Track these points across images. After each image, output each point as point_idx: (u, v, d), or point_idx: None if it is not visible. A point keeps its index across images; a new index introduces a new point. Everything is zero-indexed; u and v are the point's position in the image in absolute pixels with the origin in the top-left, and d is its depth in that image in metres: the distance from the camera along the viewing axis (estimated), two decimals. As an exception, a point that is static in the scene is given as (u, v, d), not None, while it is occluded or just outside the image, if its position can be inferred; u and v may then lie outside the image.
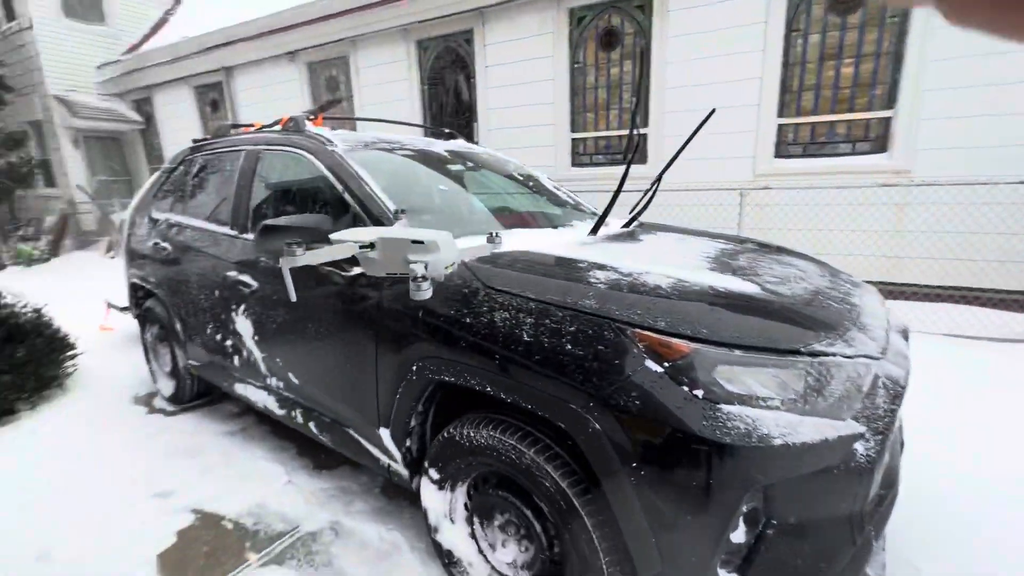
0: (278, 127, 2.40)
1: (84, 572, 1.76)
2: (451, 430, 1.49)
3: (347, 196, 1.84)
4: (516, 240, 1.77)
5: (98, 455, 2.49)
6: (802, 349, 1.16)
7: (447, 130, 3.12)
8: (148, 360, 3.21)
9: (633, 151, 1.94)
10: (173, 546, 1.89)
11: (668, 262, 1.55)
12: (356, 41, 6.89)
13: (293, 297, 1.44)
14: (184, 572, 1.76)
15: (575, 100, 5.74)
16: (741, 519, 1.09)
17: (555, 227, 2.20)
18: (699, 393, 1.08)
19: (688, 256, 1.71)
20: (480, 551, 1.55)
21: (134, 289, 3.13)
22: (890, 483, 1.28)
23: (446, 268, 1.32)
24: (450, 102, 6.66)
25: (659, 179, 2.26)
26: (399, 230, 1.44)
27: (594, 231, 2.00)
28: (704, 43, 4.85)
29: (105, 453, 2.51)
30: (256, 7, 7.54)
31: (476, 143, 6.38)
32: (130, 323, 3.78)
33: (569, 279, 1.36)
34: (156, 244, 2.79)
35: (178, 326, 2.70)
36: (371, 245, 1.33)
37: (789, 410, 1.10)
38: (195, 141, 2.92)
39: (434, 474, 1.56)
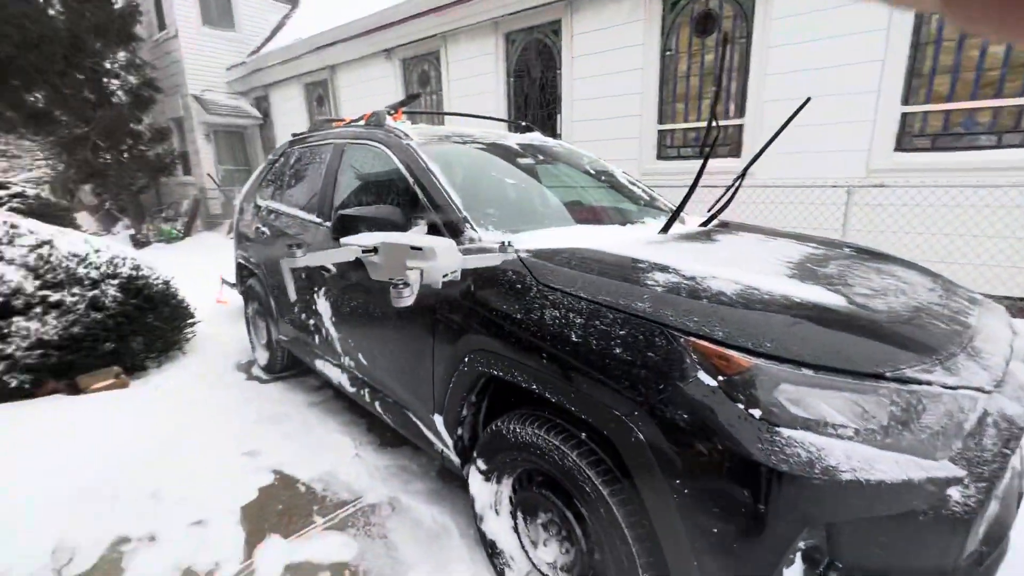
0: (362, 122, 2.55)
1: (185, 512, 2.02)
2: (499, 423, 1.50)
3: (416, 189, 1.91)
4: (577, 236, 1.73)
5: (204, 412, 2.84)
6: (887, 374, 1.01)
7: (524, 123, 3.12)
8: (249, 332, 3.59)
9: (712, 144, 1.80)
10: (254, 500, 2.11)
11: (741, 266, 1.43)
12: (447, 36, 7.10)
13: (293, 297, 1.53)
14: (261, 525, 1.96)
15: (664, 89, 5.47)
16: (798, 555, 0.99)
17: (626, 224, 2.12)
18: (756, 413, 0.99)
19: (767, 260, 1.56)
20: (522, 546, 1.56)
21: (240, 268, 3.51)
22: (997, 539, 1.08)
23: (444, 276, 1.33)
24: (535, 94, 6.65)
25: (743, 174, 2.10)
26: (402, 236, 1.47)
27: (665, 229, 1.90)
28: (814, 24, 4.38)
29: (209, 411, 2.85)
30: (361, 7, 8.03)
31: (559, 135, 6.37)
32: (239, 298, 4.25)
33: (625, 279, 1.30)
34: (257, 228, 3.10)
35: (272, 303, 2.99)
36: (374, 250, 1.39)
37: (866, 442, 0.97)
38: (293, 135, 3.19)
39: (482, 465, 1.58)
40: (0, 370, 2.74)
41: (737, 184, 2.12)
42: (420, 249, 1.28)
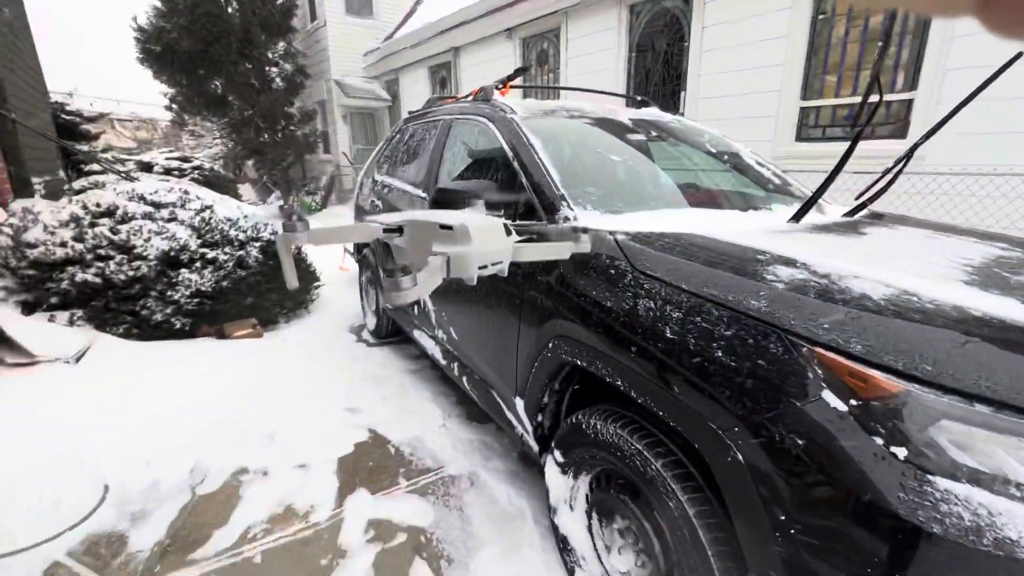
0: (471, 98, 2.54)
1: (293, 455, 2.24)
2: (579, 416, 1.41)
3: (515, 164, 1.85)
4: (687, 220, 1.54)
5: (318, 367, 3.12)
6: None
7: (640, 97, 2.90)
8: (361, 299, 3.88)
9: (868, 118, 1.48)
10: (350, 454, 2.26)
11: (896, 266, 1.15)
12: (569, 12, 6.89)
13: (290, 283, 1.36)
14: (352, 478, 2.10)
15: (812, 60, 4.75)
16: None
17: (749, 209, 1.86)
18: (901, 453, 0.77)
19: (934, 261, 1.24)
20: (595, 548, 1.46)
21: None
22: None
23: (483, 268, 1.02)
24: (657, 70, 6.21)
25: (910, 154, 1.71)
26: (432, 213, 1.19)
27: (797, 217, 1.62)
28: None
29: (322, 366, 3.13)
30: (486, -12, 8.11)
31: (681, 113, 5.89)
32: (357, 266, 4.61)
33: (738, 272, 1.11)
34: (372, 201, 3.29)
35: (380, 272, 3.17)
36: (399, 230, 1.17)
37: (1069, 514, 0.71)
38: (409, 113, 3.31)
39: (559, 456, 1.51)
40: (169, 312, 3.28)
41: (900, 167, 1.74)
42: (450, 229, 1.03)
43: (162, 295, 3.23)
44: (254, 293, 3.62)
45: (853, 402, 0.83)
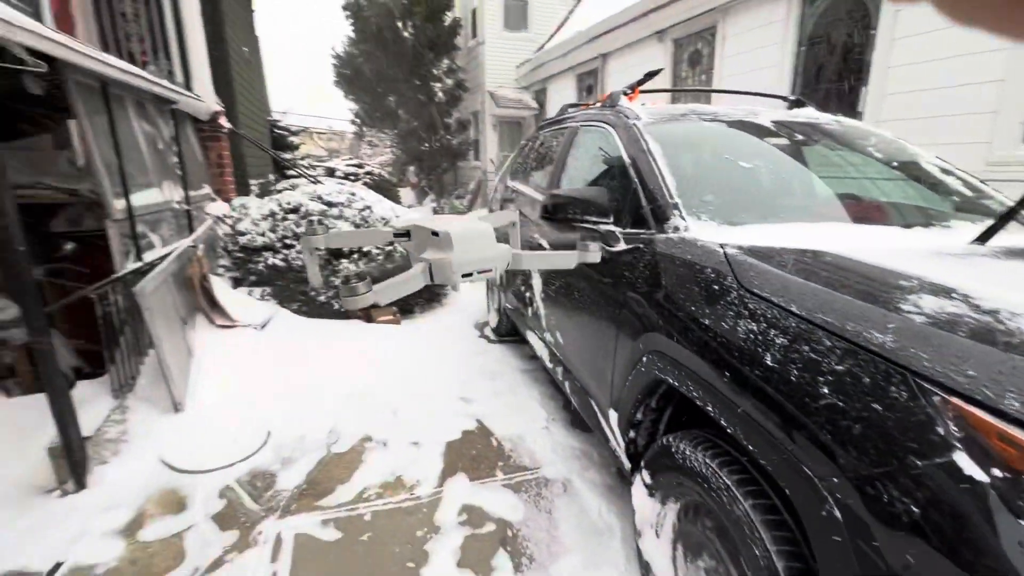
0: (598, 104, 2.53)
1: (408, 432, 2.47)
2: (670, 439, 1.32)
3: (631, 170, 1.80)
4: (826, 235, 1.35)
5: (441, 357, 3.39)
6: None
7: (793, 97, 2.59)
8: (487, 298, 4.10)
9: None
10: (456, 440, 2.43)
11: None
12: (728, 8, 6.41)
13: (313, 281, 1.41)
14: (456, 462, 2.25)
15: (1056, 39, 3.71)
16: None
17: (916, 226, 1.55)
18: (1063, 549, 0.59)
19: None
20: (678, 583, 1.36)
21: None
22: None
23: (468, 276, 1.02)
24: (832, 64, 5.44)
25: None
26: (431, 219, 1.21)
27: (983, 238, 1.31)
28: None
29: (445, 356, 3.40)
30: (638, -7, 7.96)
31: (859, 114, 5.07)
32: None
33: (868, 298, 0.95)
34: (501, 206, 3.46)
35: (504, 273, 3.33)
36: (407, 234, 1.18)
37: None
38: (543, 121, 3.41)
39: (647, 478, 1.43)
40: (330, 295, 3.86)
41: None
42: (436, 235, 1.06)
43: (326, 281, 3.82)
44: (397, 284, 4.07)
45: (998, 473, 0.65)
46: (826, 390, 0.86)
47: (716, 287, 1.19)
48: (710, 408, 1.11)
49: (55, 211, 3.44)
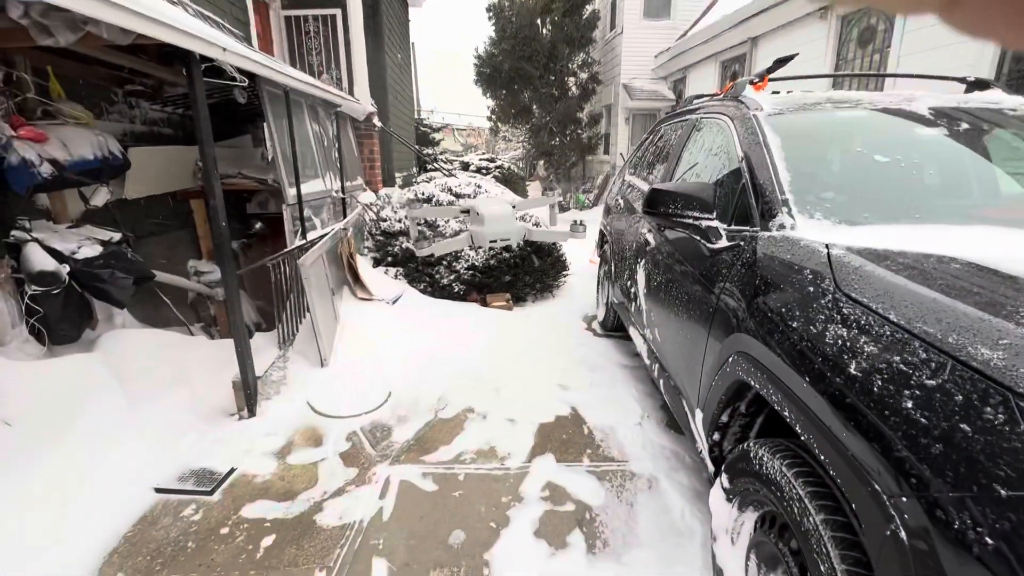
0: (722, 95, 2.40)
1: (507, 410, 2.65)
2: (751, 444, 1.27)
3: (742, 164, 1.71)
4: (975, 240, 1.18)
5: (547, 344, 3.52)
6: None
7: (972, 77, 2.18)
8: (597, 291, 4.12)
9: None
10: (550, 423, 2.54)
11: None
12: (914, -27, 5.44)
13: (412, 239, 1.72)
14: (546, 443, 2.36)
15: None
16: None
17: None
18: None
19: None
20: (750, 595, 1.30)
21: (600, 235, 4.02)
22: None
23: (492, 242, 1.31)
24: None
25: None
26: (478, 202, 1.61)
27: None
28: None
29: (550, 343, 3.52)
30: (798, -34, 7.13)
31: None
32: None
33: (988, 311, 0.83)
34: (616, 200, 3.45)
35: (612, 268, 3.33)
36: (467, 211, 1.42)
37: None
38: (666, 113, 3.31)
39: (725, 482, 1.39)
40: (452, 279, 4.22)
41: None
42: (467, 212, 1.50)
43: (449, 265, 4.18)
44: (511, 273, 4.30)
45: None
46: (910, 404, 0.78)
47: (811, 289, 1.12)
48: (787, 413, 1.06)
49: (250, 197, 4.29)
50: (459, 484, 2.08)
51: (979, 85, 2.14)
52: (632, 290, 2.68)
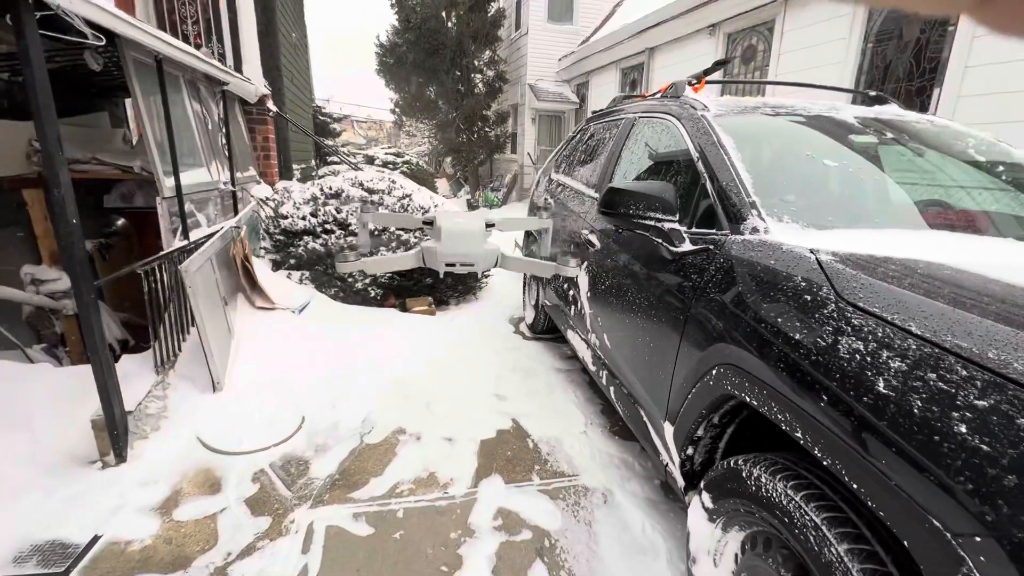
0: (659, 95, 2.39)
1: (442, 427, 2.41)
2: (740, 461, 1.20)
3: (700, 165, 1.66)
4: (930, 245, 1.20)
5: (476, 350, 3.32)
6: None
7: (873, 92, 2.38)
8: (524, 293, 4.01)
9: None
10: (491, 439, 2.34)
11: None
12: (789, 1, 6.08)
13: (362, 248, 1.68)
14: (490, 462, 2.17)
15: None
16: None
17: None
18: None
19: None
20: (738, 620, 1.23)
21: (526, 235, 3.90)
22: None
23: (449, 265, 1.28)
24: (902, 63, 5.08)
25: None
26: (448, 214, 1.33)
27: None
28: None
29: (479, 350, 3.32)
30: (690, -16, 7.66)
31: (932, 115, 4.72)
32: (523, 261, 4.79)
33: (1010, 322, 0.80)
34: (545, 199, 3.34)
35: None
36: (431, 222, 1.30)
37: None
38: (593, 112, 3.27)
39: (707, 501, 1.31)
40: (367, 283, 3.84)
41: None
42: (430, 224, 1.18)
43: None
44: (433, 275, 4.02)
45: None
46: (964, 428, 0.72)
47: (808, 298, 1.06)
48: (800, 434, 0.98)
49: (108, 187, 3.52)
50: (399, 523, 1.81)
51: (878, 100, 2.34)
52: (571, 293, 2.58)
